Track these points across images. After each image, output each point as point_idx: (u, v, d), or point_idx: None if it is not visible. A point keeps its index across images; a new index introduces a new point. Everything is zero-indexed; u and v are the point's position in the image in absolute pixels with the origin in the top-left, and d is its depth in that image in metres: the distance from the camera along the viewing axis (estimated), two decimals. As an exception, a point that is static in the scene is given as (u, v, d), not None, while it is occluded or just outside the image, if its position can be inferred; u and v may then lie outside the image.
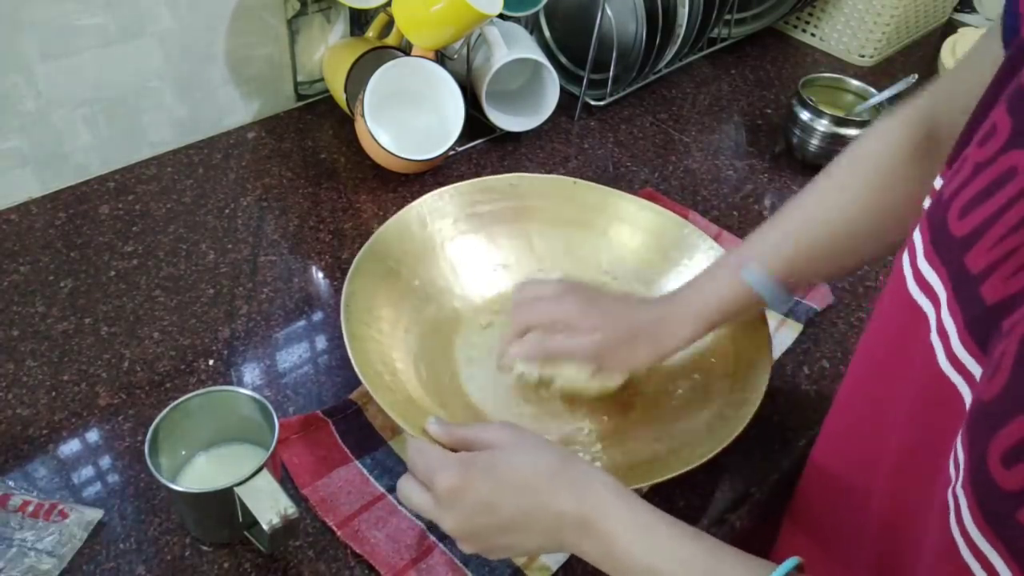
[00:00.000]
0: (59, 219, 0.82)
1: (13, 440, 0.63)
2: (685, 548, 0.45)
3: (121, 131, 0.87)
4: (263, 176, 0.90)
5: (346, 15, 0.98)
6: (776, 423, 0.69)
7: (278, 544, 0.56)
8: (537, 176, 0.79)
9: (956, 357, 0.38)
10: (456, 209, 0.77)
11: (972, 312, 0.37)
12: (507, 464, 0.50)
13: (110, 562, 0.56)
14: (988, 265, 0.36)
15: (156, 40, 0.84)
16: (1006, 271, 0.35)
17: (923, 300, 0.42)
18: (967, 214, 0.38)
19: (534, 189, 0.79)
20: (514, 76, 1.02)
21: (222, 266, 0.79)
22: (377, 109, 0.86)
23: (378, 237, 0.72)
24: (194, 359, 0.70)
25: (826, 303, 0.80)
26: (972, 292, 0.37)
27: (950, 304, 0.39)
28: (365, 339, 0.65)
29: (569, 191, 0.79)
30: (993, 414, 0.32)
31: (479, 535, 0.50)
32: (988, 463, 0.32)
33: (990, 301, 0.36)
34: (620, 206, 0.79)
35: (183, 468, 0.59)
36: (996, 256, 0.36)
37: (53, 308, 0.73)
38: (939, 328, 0.40)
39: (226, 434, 0.60)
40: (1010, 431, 0.31)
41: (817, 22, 1.24)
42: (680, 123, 1.06)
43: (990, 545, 0.33)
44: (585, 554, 0.48)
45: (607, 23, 0.99)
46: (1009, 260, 0.35)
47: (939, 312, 0.40)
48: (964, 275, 0.37)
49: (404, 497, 0.53)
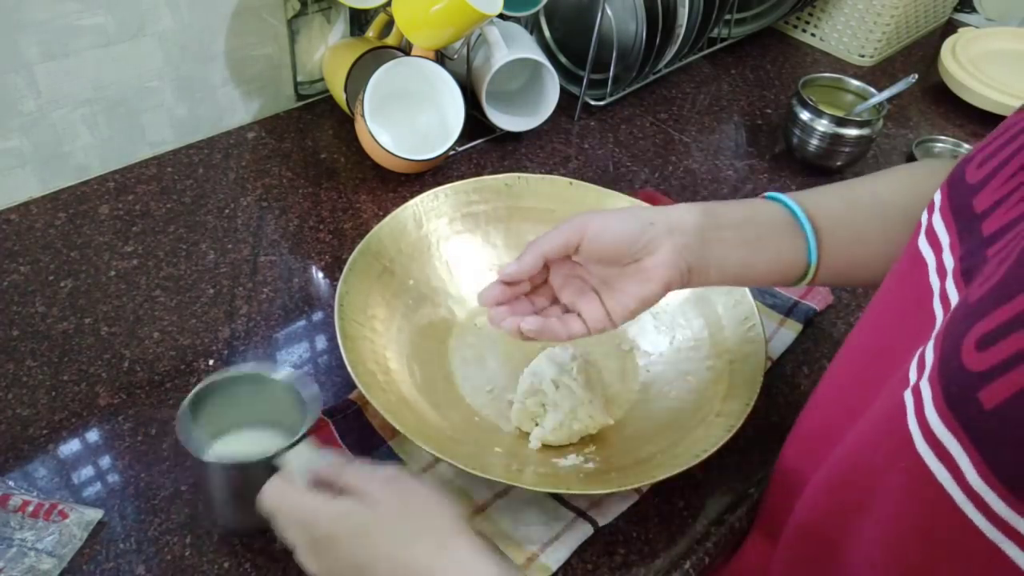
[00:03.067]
0: (59, 219, 0.82)
1: (13, 440, 0.63)
2: None
3: (121, 131, 0.87)
4: (263, 176, 0.90)
5: (346, 15, 0.98)
6: (776, 423, 0.69)
7: None
8: (533, 176, 0.79)
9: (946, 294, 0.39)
10: (451, 209, 0.77)
11: (969, 246, 0.38)
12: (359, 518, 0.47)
13: (110, 562, 0.56)
14: (994, 202, 0.37)
15: (156, 40, 0.84)
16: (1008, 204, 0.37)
17: (927, 249, 0.43)
18: (984, 164, 0.39)
19: (530, 189, 0.79)
20: (514, 76, 1.02)
21: (222, 266, 0.79)
22: (377, 109, 0.86)
23: (372, 236, 0.72)
24: (194, 359, 0.70)
25: (826, 303, 0.80)
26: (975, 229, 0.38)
27: (952, 247, 0.40)
28: (358, 339, 0.65)
29: (565, 191, 0.79)
30: (977, 310, 0.34)
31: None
32: (961, 350, 0.34)
33: (987, 233, 0.37)
34: (617, 206, 0.79)
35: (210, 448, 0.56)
36: (1003, 193, 0.37)
37: (53, 308, 0.73)
38: (939, 267, 0.41)
39: (253, 417, 0.58)
40: (990, 319, 0.33)
41: (817, 22, 1.24)
42: (680, 123, 1.06)
43: (950, 432, 0.34)
44: None
45: (607, 23, 0.99)
46: (1013, 194, 0.36)
47: (940, 256, 0.41)
48: (971, 216, 0.39)
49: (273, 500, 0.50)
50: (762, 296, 0.79)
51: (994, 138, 0.41)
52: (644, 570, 0.59)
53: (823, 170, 0.98)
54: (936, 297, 0.41)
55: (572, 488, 0.57)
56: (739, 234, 0.56)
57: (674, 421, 0.65)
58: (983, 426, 0.33)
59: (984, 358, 0.33)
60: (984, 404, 0.32)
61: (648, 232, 0.54)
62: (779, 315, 0.78)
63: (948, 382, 0.34)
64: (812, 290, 0.80)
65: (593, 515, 0.60)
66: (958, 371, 0.34)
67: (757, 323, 0.68)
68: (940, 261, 0.41)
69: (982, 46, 1.18)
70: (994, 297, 0.33)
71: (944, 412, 0.34)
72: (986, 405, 0.32)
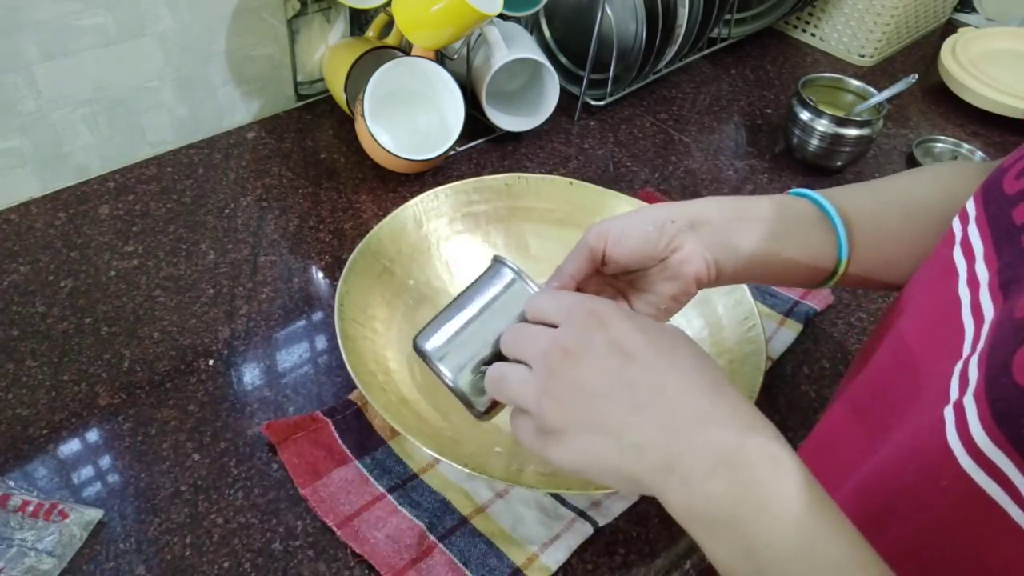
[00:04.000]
0: (59, 219, 0.82)
1: (13, 440, 0.63)
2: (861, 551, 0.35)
3: (121, 131, 0.87)
4: (263, 176, 0.90)
5: (346, 15, 0.98)
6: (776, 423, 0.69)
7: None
8: (533, 176, 0.79)
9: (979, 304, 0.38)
10: (452, 209, 0.77)
11: (1008, 258, 0.37)
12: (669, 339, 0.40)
13: (110, 562, 0.56)
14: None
15: (156, 40, 0.84)
16: None
17: (960, 258, 0.41)
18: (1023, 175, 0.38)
19: (530, 189, 0.79)
20: (514, 76, 1.02)
21: (222, 266, 0.79)
22: (377, 109, 0.86)
23: (373, 236, 0.72)
24: (194, 359, 0.70)
25: (826, 303, 0.80)
26: (1014, 241, 0.37)
27: (987, 257, 0.39)
28: (359, 339, 0.65)
29: (566, 192, 0.79)
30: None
31: (584, 384, 0.39)
32: (1012, 368, 0.32)
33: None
34: (618, 207, 0.79)
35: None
36: None
37: (53, 308, 0.73)
38: (970, 280, 0.39)
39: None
40: None
41: (817, 22, 1.24)
42: (680, 123, 1.06)
43: (1000, 450, 0.33)
44: (711, 493, 0.36)
45: (607, 23, 0.99)
46: None
47: (973, 266, 0.40)
48: (1008, 226, 0.37)
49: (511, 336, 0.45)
50: (762, 296, 0.79)
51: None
52: (644, 570, 0.59)
53: (823, 170, 0.98)
54: (967, 308, 0.39)
55: (572, 488, 0.57)
56: (767, 226, 0.53)
57: None
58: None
59: None
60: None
61: (669, 229, 0.51)
62: (779, 315, 0.78)
63: (997, 399, 0.33)
64: (812, 290, 0.80)
65: (593, 515, 0.60)
66: (1009, 389, 0.33)
67: (757, 323, 0.68)
68: (972, 272, 0.40)
69: (982, 46, 1.18)
70: None
71: (993, 430, 0.33)
72: None
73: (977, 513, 0.35)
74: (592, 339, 0.39)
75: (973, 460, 0.35)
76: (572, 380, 0.39)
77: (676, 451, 0.37)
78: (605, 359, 0.39)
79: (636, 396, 0.38)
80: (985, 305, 0.38)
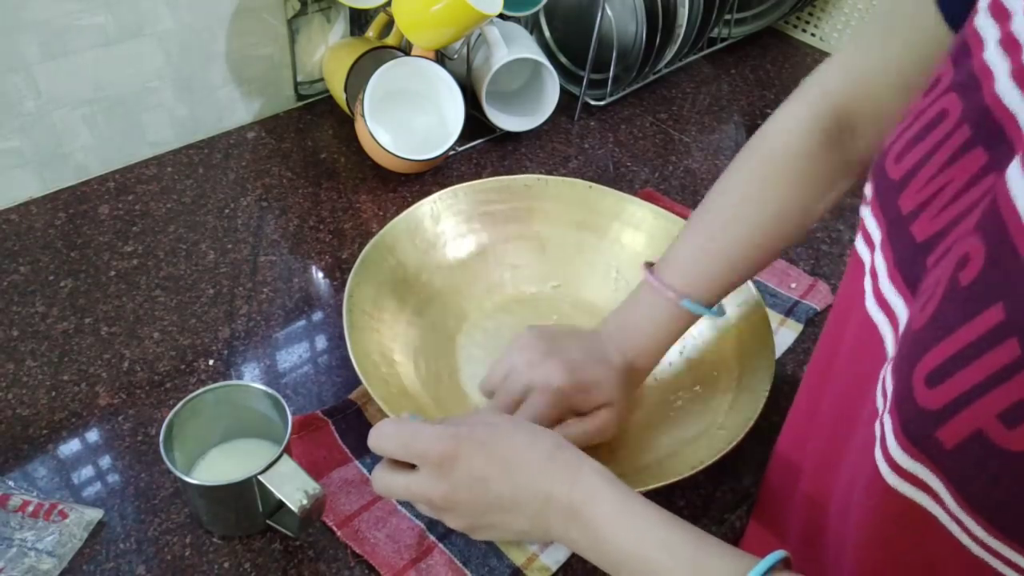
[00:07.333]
0: (59, 219, 0.82)
1: (13, 440, 0.63)
2: (673, 536, 0.44)
3: (121, 131, 0.87)
4: (263, 176, 0.90)
5: (346, 15, 0.98)
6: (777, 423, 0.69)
7: (308, 525, 0.56)
8: (553, 178, 0.79)
9: (883, 296, 0.39)
10: (468, 207, 0.77)
11: (902, 251, 0.38)
12: (505, 440, 0.49)
13: (110, 562, 0.56)
14: (918, 205, 0.37)
15: (156, 40, 0.84)
16: (934, 209, 0.36)
17: (863, 248, 0.42)
18: (902, 158, 0.38)
19: (549, 191, 0.79)
20: (514, 76, 1.02)
21: (222, 266, 0.79)
22: (377, 109, 0.86)
23: (388, 230, 0.72)
24: (194, 359, 0.70)
25: (826, 303, 0.80)
26: (903, 231, 0.37)
27: (883, 246, 0.39)
28: (366, 329, 0.65)
29: (584, 195, 0.79)
30: (921, 340, 0.33)
31: (466, 510, 0.49)
32: (913, 386, 0.33)
33: (920, 239, 0.36)
34: (636, 212, 0.78)
35: (196, 464, 0.59)
36: (926, 195, 0.36)
37: (53, 308, 0.73)
38: (871, 270, 0.40)
39: (236, 430, 0.60)
40: (935, 354, 0.32)
41: (817, 22, 1.24)
42: (680, 123, 1.06)
43: (917, 463, 0.34)
44: (573, 542, 0.47)
45: (607, 23, 0.99)
46: (937, 198, 0.36)
47: (873, 255, 0.41)
48: (897, 216, 0.38)
49: (382, 485, 0.52)
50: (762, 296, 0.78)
51: (904, 128, 0.39)
52: (644, 570, 0.59)
53: (823, 170, 0.98)
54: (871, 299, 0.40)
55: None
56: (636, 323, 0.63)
57: (677, 430, 0.65)
58: (948, 465, 0.32)
59: (935, 396, 0.32)
60: (944, 444, 0.32)
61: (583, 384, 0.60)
62: (779, 315, 0.78)
63: (906, 419, 0.34)
64: (812, 290, 0.81)
65: (593, 515, 0.60)
66: (913, 408, 0.33)
67: (770, 340, 0.68)
68: (873, 261, 0.40)
69: (982, 46, 1.18)
70: (934, 328, 0.32)
71: (907, 447, 0.34)
72: (946, 445, 0.32)
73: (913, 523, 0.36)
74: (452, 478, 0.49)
75: (897, 475, 0.36)
76: (455, 511, 0.50)
77: (544, 525, 0.48)
78: (470, 490, 0.49)
79: (503, 503, 0.48)
80: (894, 302, 0.38)
